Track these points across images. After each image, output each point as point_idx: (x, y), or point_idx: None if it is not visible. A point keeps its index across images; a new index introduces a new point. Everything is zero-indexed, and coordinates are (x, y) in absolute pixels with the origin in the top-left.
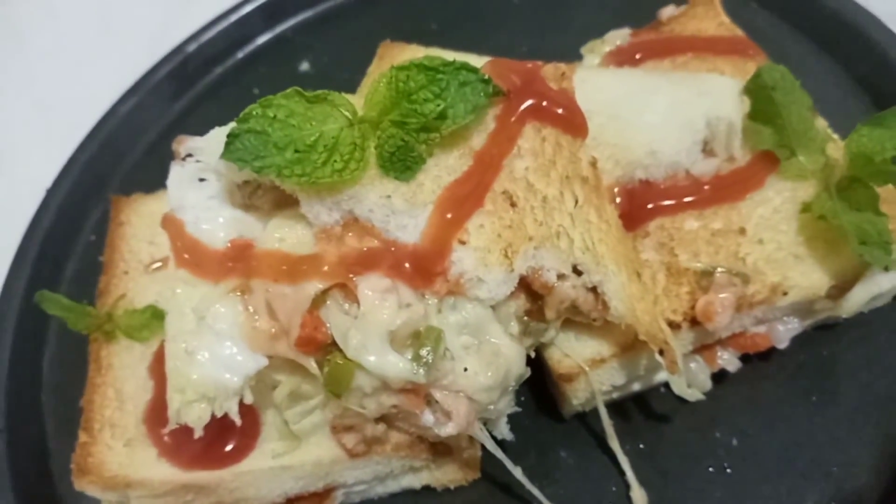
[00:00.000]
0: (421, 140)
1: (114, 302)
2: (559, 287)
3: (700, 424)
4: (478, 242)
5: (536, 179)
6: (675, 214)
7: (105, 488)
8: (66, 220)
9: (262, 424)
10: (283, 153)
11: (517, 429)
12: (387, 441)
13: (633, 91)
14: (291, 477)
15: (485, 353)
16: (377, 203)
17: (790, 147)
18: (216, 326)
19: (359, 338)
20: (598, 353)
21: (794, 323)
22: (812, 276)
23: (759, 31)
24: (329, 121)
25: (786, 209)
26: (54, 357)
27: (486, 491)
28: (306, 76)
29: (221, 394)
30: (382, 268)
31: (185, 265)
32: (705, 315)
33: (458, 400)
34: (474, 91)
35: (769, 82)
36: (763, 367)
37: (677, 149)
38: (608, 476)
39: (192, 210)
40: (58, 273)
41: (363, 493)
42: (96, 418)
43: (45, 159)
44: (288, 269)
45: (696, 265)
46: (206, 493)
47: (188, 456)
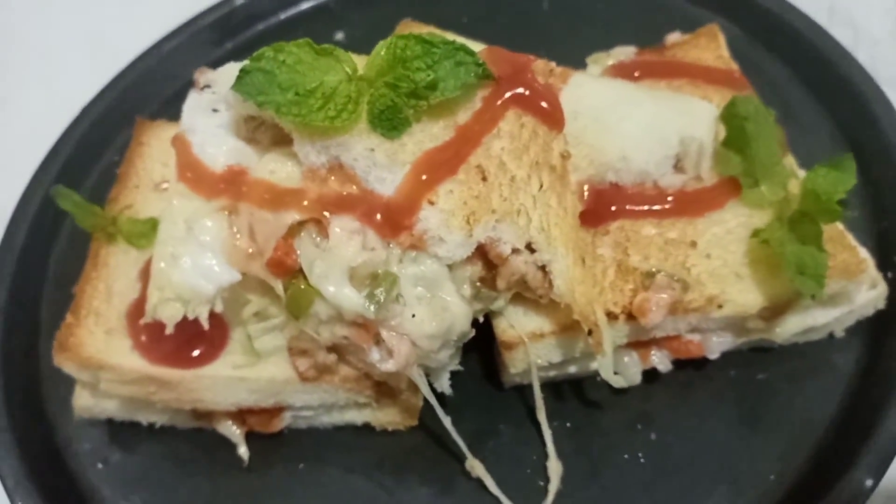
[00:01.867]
0: (410, 105)
1: (120, 209)
2: (512, 260)
3: (625, 415)
4: (445, 205)
5: (509, 160)
6: (635, 219)
7: (80, 367)
8: (97, 135)
9: (229, 338)
10: (285, 94)
11: (459, 389)
12: (336, 372)
13: (620, 100)
14: (246, 389)
15: (434, 305)
16: (362, 154)
17: (755, 177)
18: (202, 238)
19: (322, 268)
20: (539, 328)
21: (726, 337)
22: (748, 294)
23: (759, 71)
24: (331, 73)
25: (738, 232)
26: (62, 251)
27: (421, 438)
28: (338, 45)
29: (195, 298)
30: (356, 212)
31: (186, 181)
32: (640, 310)
33: (401, 341)
34: (467, 71)
35: (743, 112)
36: (694, 374)
37: (648, 159)
38: (532, 446)
39: (201, 134)
40: (81, 178)
41: (309, 419)
42: (84, 305)
43: (88, 81)
44: (272, 198)
45: (643, 266)
46: (168, 389)
47: (158, 353)
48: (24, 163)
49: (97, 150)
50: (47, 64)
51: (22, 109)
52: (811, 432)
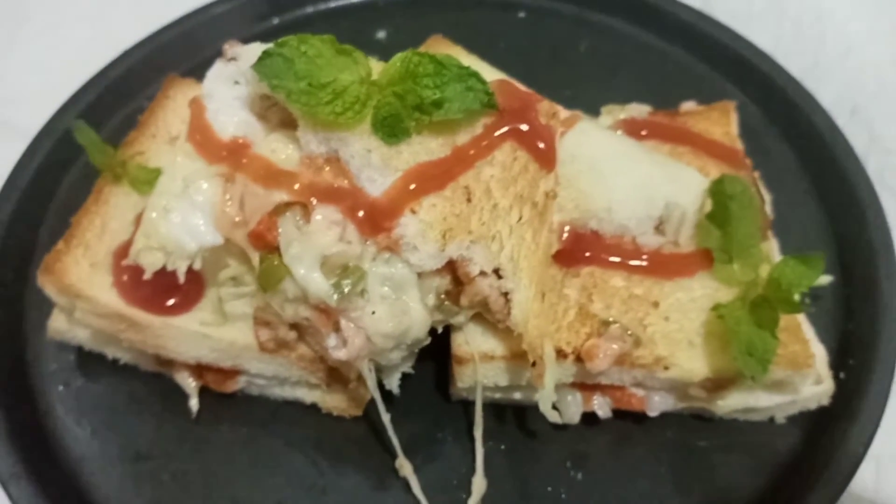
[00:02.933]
0: (413, 117)
1: (132, 154)
2: (478, 281)
3: (559, 451)
4: (425, 217)
5: (496, 188)
6: (607, 268)
7: (59, 291)
8: (130, 80)
9: (203, 296)
10: (299, 82)
11: (408, 392)
12: (294, 349)
13: (618, 154)
14: (207, 346)
15: (395, 307)
16: (359, 152)
17: (730, 254)
18: (195, 198)
19: (298, 249)
20: (492, 350)
21: (668, 399)
22: (695, 363)
23: (766, 153)
24: (346, 72)
25: (701, 301)
26: (73, 184)
27: (363, 429)
28: (377, 43)
29: (177, 252)
30: (341, 205)
31: (193, 142)
32: (588, 354)
33: (357, 333)
34: (474, 97)
35: (729, 191)
36: (633, 427)
37: (631, 216)
38: (464, 460)
39: (217, 102)
40: (106, 117)
41: (262, 388)
42: (77, 236)
43: (134, 28)
44: (267, 174)
45: (602, 314)
46: (136, 330)
47: (135, 295)
48: (59, 92)
49: (126, 95)
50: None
51: (69, 41)
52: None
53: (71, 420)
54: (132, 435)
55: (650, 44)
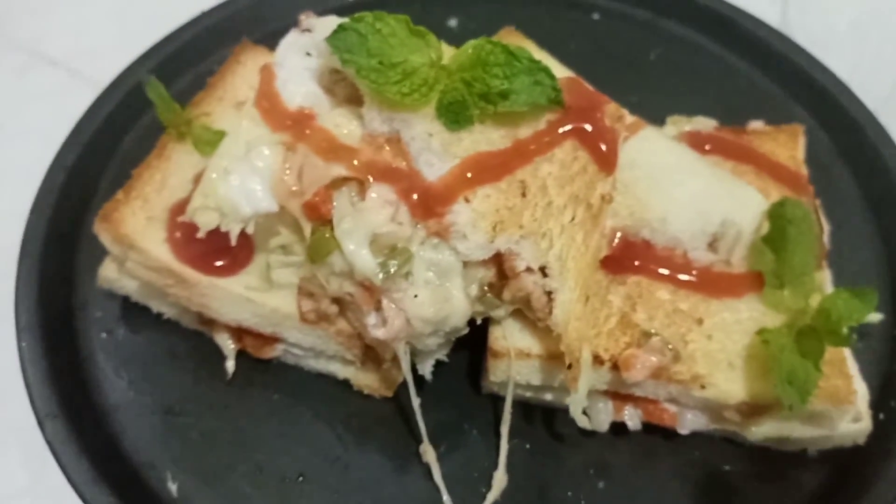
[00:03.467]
0: (478, 105)
1: (199, 115)
2: (523, 277)
3: (583, 457)
4: (478, 207)
5: (552, 185)
6: (654, 279)
7: (113, 240)
8: (204, 41)
9: (251, 261)
10: (370, 59)
11: (440, 379)
12: (334, 323)
13: (679, 166)
14: (250, 310)
15: (438, 293)
16: (420, 135)
17: (782, 279)
18: (256, 163)
19: (350, 225)
20: (528, 348)
21: (701, 418)
22: (733, 385)
23: (831, 183)
24: (418, 54)
25: (746, 324)
26: (137, 136)
27: (391, 410)
28: (448, 30)
29: (232, 214)
30: (397, 185)
31: (260, 108)
32: (625, 363)
33: (397, 315)
34: (541, 92)
35: (789, 215)
36: (660, 442)
37: (685, 229)
38: (488, 454)
39: (288, 71)
40: (176, 76)
41: (298, 358)
42: (137, 188)
43: None
44: (329, 148)
45: (644, 325)
46: (182, 287)
47: (186, 252)
48: (134, 47)
49: (199, 56)
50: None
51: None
52: None
53: (110, 368)
54: (166, 389)
55: (723, 58)
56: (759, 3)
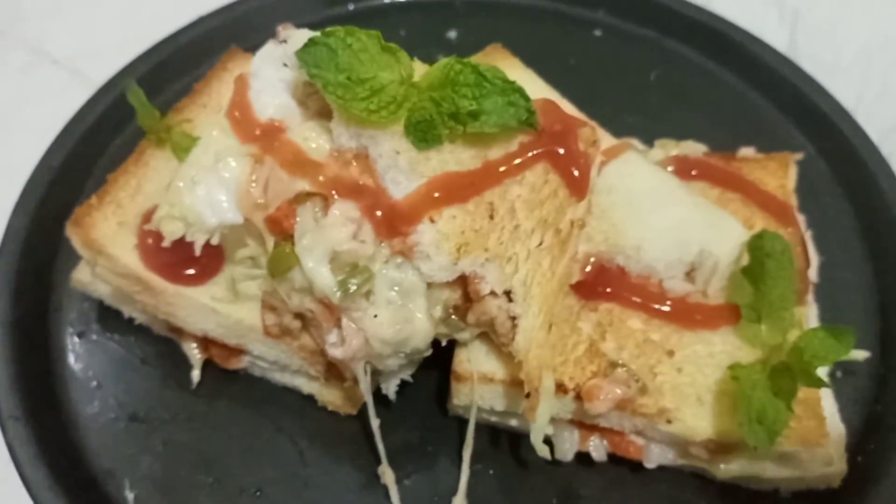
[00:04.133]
0: (447, 125)
1: (180, 121)
2: (487, 301)
3: (547, 486)
4: (443, 227)
5: (521, 209)
6: (627, 307)
7: (83, 244)
8: (199, 47)
9: (220, 271)
10: (338, 74)
11: (406, 399)
12: (297, 338)
13: (659, 192)
14: (215, 321)
15: (399, 314)
16: (388, 153)
17: (759, 313)
18: (222, 174)
19: (310, 241)
20: (492, 372)
21: (669, 453)
22: (700, 421)
23: (825, 212)
24: (388, 71)
25: (719, 358)
26: (124, 143)
27: (355, 428)
28: (447, 42)
29: (197, 224)
30: (362, 202)
31: (231, 118)
32: (588, 394)
33: (356, 334)
34: (514, 113)
35: (767, 248)
36: (626, 474)
37: (660, 258)
38: (450, 478)
39: (262, 81)
40: (169, 81)
41: (263, 371)
42: (111, 193)
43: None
44: (295, 162)
45: (612, 354)
46: (149, 294)
47: (154, 260)
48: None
49: (193, 62)
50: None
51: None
52: None
53: (79, 370)
54: (133, 395)
55: (726, 80)
56: (767, 25)
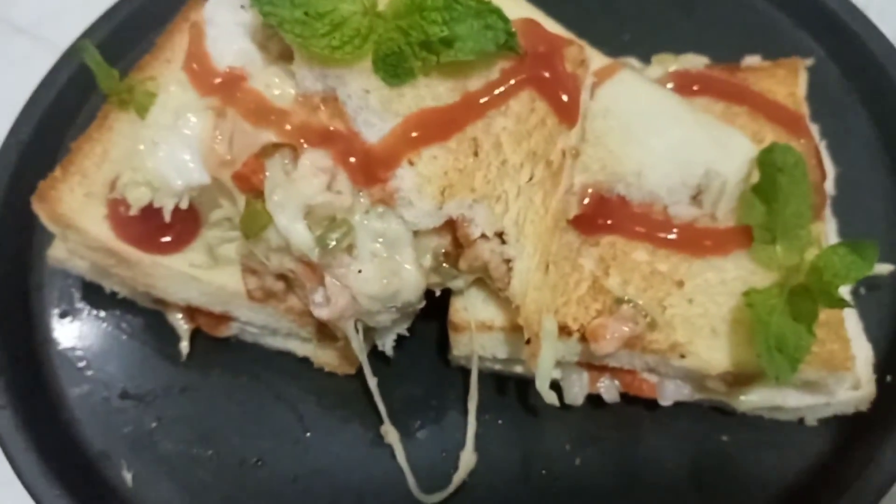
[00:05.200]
0: (419, 56)
1: (143, 79)
2: (479, 244)
3: (559, 432)
4: (424, 170)
5: (507, 142)
6: (630, 239)
7: (50, 219)
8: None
9: (197, 235)
10: (294, 10)
11: (407, 353)
12: (283, 300)
13: (656, 112)
14: (197, 289)
15: (386, 267)
16: (356, 92)
17: (773, 233)
18: (183, 132)
19: (281, 196)
20: (490, 320)
21: (684, 388)
22: (716, 353)
23: (840, 118)
24: (348, 2)
25: (733, 285)
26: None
27: (352, 388)
28: None
29: (163, 188)
30: (334, 150)
31: (188, 71)
32: (593, 334)
33: (342, 292)
34: (491, 37)
35: (779, 162)
36: (643, 414)
37: (663, 183)
38: (457, 431)
39: (218, 28)
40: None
41: (255, 336)
42: (75, 163)
43: None
44: (258, 111)
45: (616, 290)
46: (125, 267)
47: (127, 230)
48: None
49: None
50: None
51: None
52: None
53: (65, 351)
54: (122, 372)
55: None
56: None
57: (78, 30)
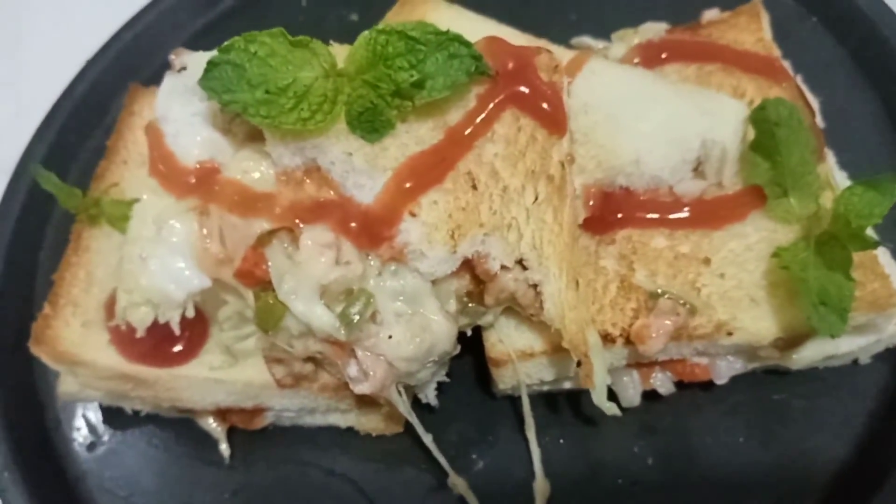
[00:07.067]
0: (393, 105)
1: (105, 188)
2: (501, 277)
3: (623, 435)
4: (428, 218)
5: (503, 167)
6: (645, 228)
7: (55, 360)
8: (97, 97)
9: (209, 336)
10: (254, 91)
11: (450, 397)
12: (315, 380)
13: (636, 95)
14: (223, 390)
15: (414, 324)
16: (339, 157)
17: (784, 186)
18: (170, 240)
19: (292, 283)
20: (529, 347)
21: (737, 363)
22: (762, 322)
23: (808, 50)
24: (306, 68)
25: (758, 248)
26: (58, 230)
27: (405, 445)
28: (351, 25)
29: (165, 303)
30: (331, 221)
31: (157, 175)
32: (639, 337)
33: (377, 362)
34: (460, 66)
35: (773, 117)
36: (699, 396)
37: (663, 164)
38: (521, 461)
39: (175, 123)
40: (80, 144)
41: (292, 419)
42: (63, 294)
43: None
44: (243, 202)
45: (647, 285)
46: (145, 387)
47: (135, 350)
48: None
49: (94, 117)
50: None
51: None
52: (828, 463)
53: (102, 483)
54: (168, 490)
55: None
56: None
57: (17, 149)
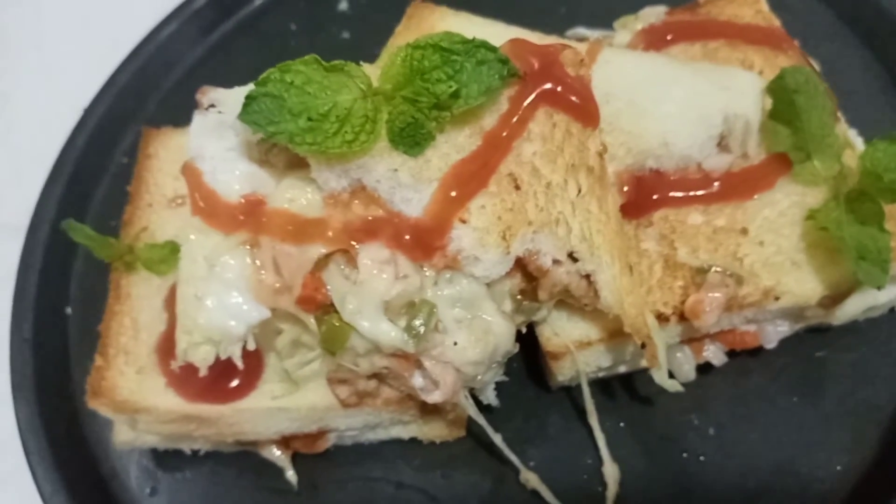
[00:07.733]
0: (432, 117)
1: (136, 234)
2: (553, 272)
3: (681, 411)
4: (478, 223)
5: (543, 165)
6: (680, 207)
7: (115, 411)
8: (100, 142)
9: (265, 366)
10: (297, 120)
11: (505, 395)
12: (378, 395)
13: (654, 78)
14: (287, 418)
15: (475, 328)
16: (384, 175)
17: (806, 150)
18: (224, 276)
19: (355, 303)
20: (586, 336)
21: (783, 326)
22: (806, 284)
23: (805, 21)
24: (344, 91)
25: (792, 213)
26: (82, 275)
27: (470, 448)
28: (343, 15)
29: (226, 339)
30: (384, 237)
31: (200, 214)
32: (693, 312)
33: (445, 370)
34: (490, 71)
35: (792, 85)
36: (749, 362)
37: (690, 143)
38: (586, 449)
39: (211, 161)
40: (90, 191)
41: (354, 437)
42: (112, 344)
43: (84, 79)
44: (294, 230)
45: (692, 261)
46: (208, 425)
47: (193, 389)
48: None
49: (103, 159)
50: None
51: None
52: (878, 414)
53: None
54: None
55: None
56: None
57: (28, 205)
